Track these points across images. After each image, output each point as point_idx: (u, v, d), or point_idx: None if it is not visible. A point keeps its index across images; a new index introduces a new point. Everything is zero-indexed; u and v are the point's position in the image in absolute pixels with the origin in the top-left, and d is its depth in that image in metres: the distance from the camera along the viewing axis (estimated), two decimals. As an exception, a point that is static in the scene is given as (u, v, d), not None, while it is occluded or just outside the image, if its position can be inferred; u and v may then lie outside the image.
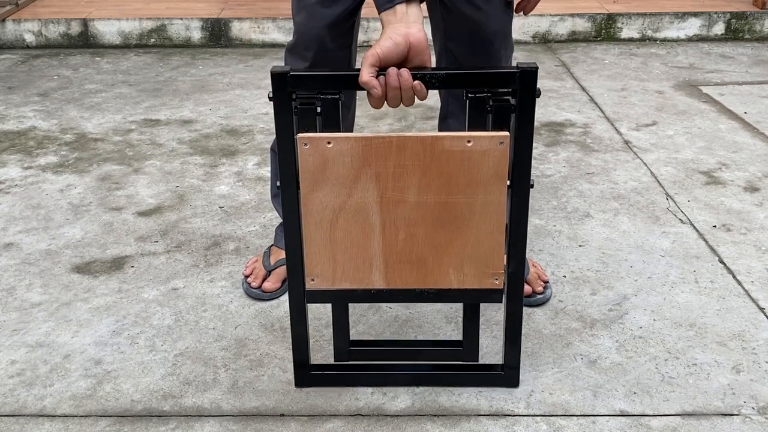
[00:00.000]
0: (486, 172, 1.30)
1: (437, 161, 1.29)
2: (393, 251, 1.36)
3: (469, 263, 1.37)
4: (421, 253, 1.36)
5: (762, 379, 1.52)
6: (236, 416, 1.43)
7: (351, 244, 1.36)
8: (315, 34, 1.55)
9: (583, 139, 2.71)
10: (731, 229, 2.09)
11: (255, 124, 2.86)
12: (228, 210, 2.22)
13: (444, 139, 1.28)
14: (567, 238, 2.05)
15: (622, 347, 1.62)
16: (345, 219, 1.34)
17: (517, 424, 1.41)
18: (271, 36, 3.90)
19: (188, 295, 1.81)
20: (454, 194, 1.32)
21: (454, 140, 1.28)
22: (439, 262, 1.37)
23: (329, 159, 1.30)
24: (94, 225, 2.13)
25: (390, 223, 1.34)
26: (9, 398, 1.48)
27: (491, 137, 1.28)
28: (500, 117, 1.32)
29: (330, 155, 1.30)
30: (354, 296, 1.41)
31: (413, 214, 1.33)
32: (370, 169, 1.30)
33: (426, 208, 1.33)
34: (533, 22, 3.94)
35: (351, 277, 1.39)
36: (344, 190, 1.32)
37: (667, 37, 3.97)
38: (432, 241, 1.35)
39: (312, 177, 1.31)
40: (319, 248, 1.36)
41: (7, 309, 1.76)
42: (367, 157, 1.29)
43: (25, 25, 3.86)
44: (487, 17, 1.53)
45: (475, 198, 1.32)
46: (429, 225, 1.34)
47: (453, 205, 1.33)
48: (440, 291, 1.39)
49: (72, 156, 2.59)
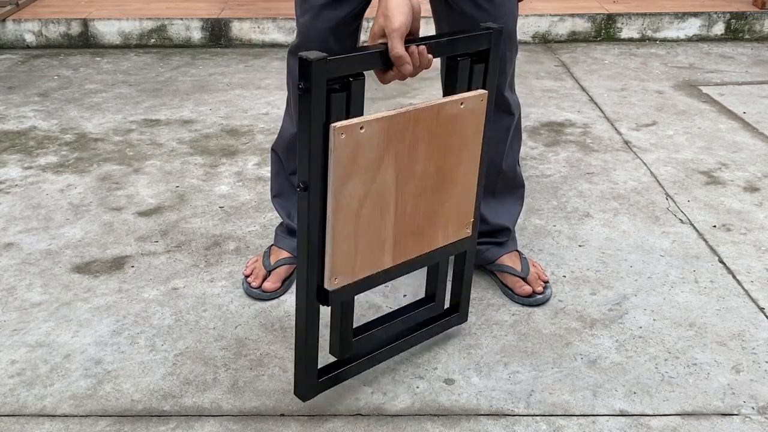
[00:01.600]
0: (471, 129, 1.39)
1: (440, 127, 1.35)
2: (401, 226, 1.36)
3: (452, 221, 1.44)
4: (420, 222, 1.39)
5: (762, 379, 1.53)
6: (236, 416, 1.44)
7: (370, 230, 1.31)
8: (319, 36, 1.55)
9: (583, 139, 2.71)
10: (731, 229, 2.09)
11: (255, 124, 2.86)
12: (228, 210, 2.22)
13: (447, 104, 1.34)
14: (567, 238, 2.05)
15: (622, 347, 1.62)
16: (367, 206, 1.29)
17: (517, 424, 1.41)
18: (271, 36, 3.90)
19: (188, 295, 1.81)
20: (448, 157, 1.38)
21: (453, 104, 1.36)
22: (432, 226, 1.42)
23: (361, 145, 1.23)
24: (94, 225, 2.13)
25: (401, 199, 1.34)
26: (9, 398, 1.48)
27: (475, 96, 1.37)
28: (478, 75, 1.42)
29: (362, 141, 1.23)
30: (369, 283, 1.36)
31: (418, 185, 1.36)
32: (392, 148, 1.27)
33: (427, 176, 1.37)
34: (533, 22, 3.94)
35: (368, 263, 1.34)
36: (370, 175, 1.26)
37: (667, 37, 3.97)
38: (429, 208, 1.39)
39: (345, 168, 1.22)
40: (345, 244, 1.28)
41: (7, 309, 1.76)
42: (390, 136, 1.27)
43: (25, 25, 3.86)
44: (491, 17, 1.54)
45: (462, 156, 1.39)
46: (428, 193, 1.38)
47: (447, 168, 1.39)
48: (431, 253, 1.44)
49: (72, 156, 2.59)
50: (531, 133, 2.77)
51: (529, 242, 2.02)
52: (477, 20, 1.54)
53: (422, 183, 1.36)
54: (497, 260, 1.81)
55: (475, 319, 1.70)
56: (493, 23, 1.41)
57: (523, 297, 1.76)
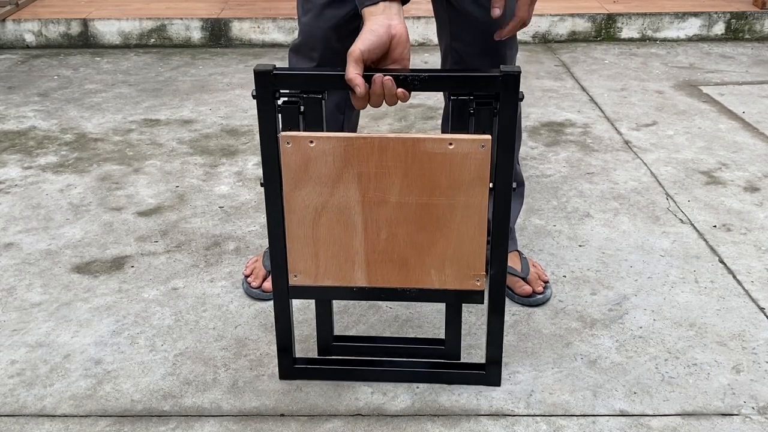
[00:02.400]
0: (468, 174, 1.30)
1: (419, 163, 1.29)
2: (375, 250, 1.37)
3: (451, 264, 1.37)
4: (402, 253, 1.37)
5: (762, 379, 1.52)
6: (236, 416, 1.43)
7: (333, 242, 1.37)
8: (321, 34, 1.56)
9: (583, 139, 2.71)
10: (731, 229, 2.09)
11: (255, 124, 2.86)
12: (228, 210, 2.22)
13: (426, 141, 1.28)
14: (567, 238, 2.05)
15: (622, 347, 1.62)
16: (327, 217, 1.36)
17: (517, 424, 1.41)
18: (271, 36, 3.90)
19: (188, 295, 1.81)
20: (436, 196, 1.32)
21: (435, 142, 1.28)
22: (420, 262, 1.37)
23: (311, 158, 1.31)
24: (94, 225, 2.13)
25: (372, 222, 1.35)
26: (9, 398, 1.48)
27: (473, 140, 1.28)
28: (483, 120, 1.31)
29: (312, 154, 1.30)
30: (336, 293, 1.42)
31: (395, 215, 1.34)
32: (352, 169, 1.31)
33: (407, 209, 1.33)
34: (533, 22, 3.94)
35: (333, 274, 1.40)
36: (326, 189, 1.33)
37: (667, 37, 3.97)
38: (413, 242, 1.36)
39: (294, 175, 1.32)
40: (302, 245, 1.38)
41: (7, 309, 1.76)
42: (349, 157, 1.30)
43: (25, 25, 3.86)
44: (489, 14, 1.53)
45: (457, 200, 1.32)
46: (410, 226, 1.35)
47: (434, 207, 1.33)
48: (422, 290, 1.40)
49: (72, 156, 2.59)
50: (531, 133, 2.77)
51: (529, 242, 2.02)
52: (476, 19, 1.54)
53: (401, 214, 1.34)
54: (497, 260, 1.81)
55: (475, 320, 1.70)
56: (508, 68, 1.27)
57: (523, 297, 1.76)
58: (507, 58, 1.62)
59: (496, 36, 1.52)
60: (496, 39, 1.52)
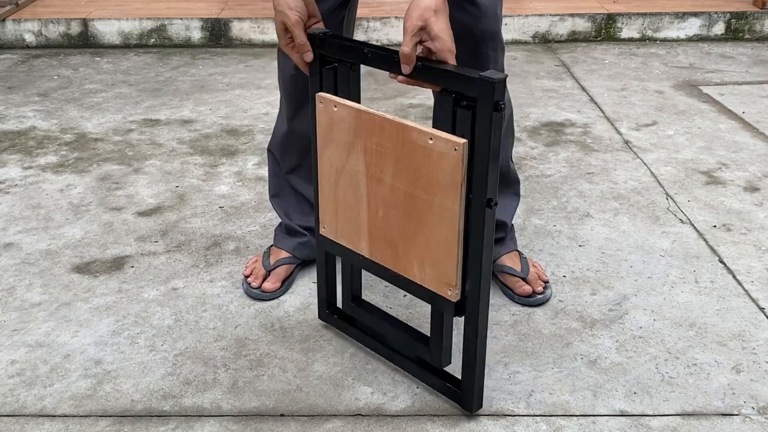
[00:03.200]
0: (443, 175, 1.24)
1: (408, 150, 1.29)
2: (374, 225, 1.41)
3: (429, 262, 1.34)
4: (393, 236, 1.38)
5: (762, 379, 1.52)
6: (236, 416, 1.43)
7: (347, 207, 1.44)
8: None
9: (583, 139, 2.71)
10: (731, 229, 2.09)
11: (255, 124, 2.86)
12: (228, 210, 2.22)
13: (412, 130, 1.27)
14: (567, 238, 2.05)
15: (622, 347, 1.62)
16: (344, 182, 1.43)
17: (517, 424, 1.41)
18: (271, 36, 3.90)
19: (188, 295, 1.81)
20: (418, 188, 1.29)
21: (419, 134, 1.26)
22: (406, 251, 1.37)
23: (335, 121, 1.39)
24: (94, 225, 2.13)
25: (373, 197, 1.38)
26: (9, 398, 1.48)
27: (447, 140, 1.22)
28: (462, 122, 1.23)
29: (335, 118, 1.39)
30: (348, 256, 1.50)
31: (389, 197, 1.36)
32: (360, 141, 1.36)
33: (397, 194, 1.34)
34: (533, 22, 3.94)
35: (347, 236, 1.47)
36: (343, 155, 1.40)
37: (667, 37, 3.97)
38: (402, 228, 1.36)
39: (324, 134, 1.43)
40: (327, 201, 1.48)
41: (7, 309, 1.76)
42: (359, 128, 1.35)
43: (25, 25, 3.86)
44: (473, 19, 1.52)
45: (434, 198, 1.27)
46: (400, 211, 1.35)
47: (417, 199, 1.31)
48: (407, 280, 1.39)
49: (72, 156, 2.59)
50: (531, 133, 2.77)
51: (529, 242, 2.02)
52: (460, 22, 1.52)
53: (393, 197, 1.34)
54: (497, 260, 1.80)
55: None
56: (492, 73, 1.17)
57: (523, 297, 1.76)
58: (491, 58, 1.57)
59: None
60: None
